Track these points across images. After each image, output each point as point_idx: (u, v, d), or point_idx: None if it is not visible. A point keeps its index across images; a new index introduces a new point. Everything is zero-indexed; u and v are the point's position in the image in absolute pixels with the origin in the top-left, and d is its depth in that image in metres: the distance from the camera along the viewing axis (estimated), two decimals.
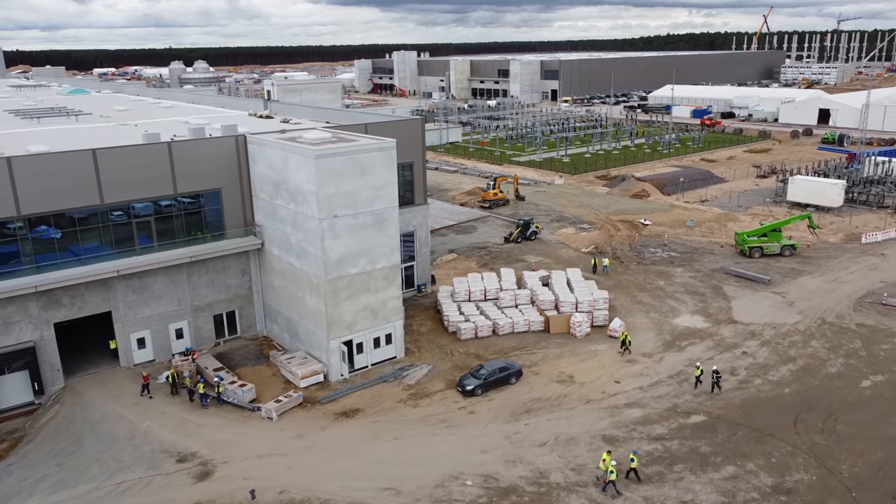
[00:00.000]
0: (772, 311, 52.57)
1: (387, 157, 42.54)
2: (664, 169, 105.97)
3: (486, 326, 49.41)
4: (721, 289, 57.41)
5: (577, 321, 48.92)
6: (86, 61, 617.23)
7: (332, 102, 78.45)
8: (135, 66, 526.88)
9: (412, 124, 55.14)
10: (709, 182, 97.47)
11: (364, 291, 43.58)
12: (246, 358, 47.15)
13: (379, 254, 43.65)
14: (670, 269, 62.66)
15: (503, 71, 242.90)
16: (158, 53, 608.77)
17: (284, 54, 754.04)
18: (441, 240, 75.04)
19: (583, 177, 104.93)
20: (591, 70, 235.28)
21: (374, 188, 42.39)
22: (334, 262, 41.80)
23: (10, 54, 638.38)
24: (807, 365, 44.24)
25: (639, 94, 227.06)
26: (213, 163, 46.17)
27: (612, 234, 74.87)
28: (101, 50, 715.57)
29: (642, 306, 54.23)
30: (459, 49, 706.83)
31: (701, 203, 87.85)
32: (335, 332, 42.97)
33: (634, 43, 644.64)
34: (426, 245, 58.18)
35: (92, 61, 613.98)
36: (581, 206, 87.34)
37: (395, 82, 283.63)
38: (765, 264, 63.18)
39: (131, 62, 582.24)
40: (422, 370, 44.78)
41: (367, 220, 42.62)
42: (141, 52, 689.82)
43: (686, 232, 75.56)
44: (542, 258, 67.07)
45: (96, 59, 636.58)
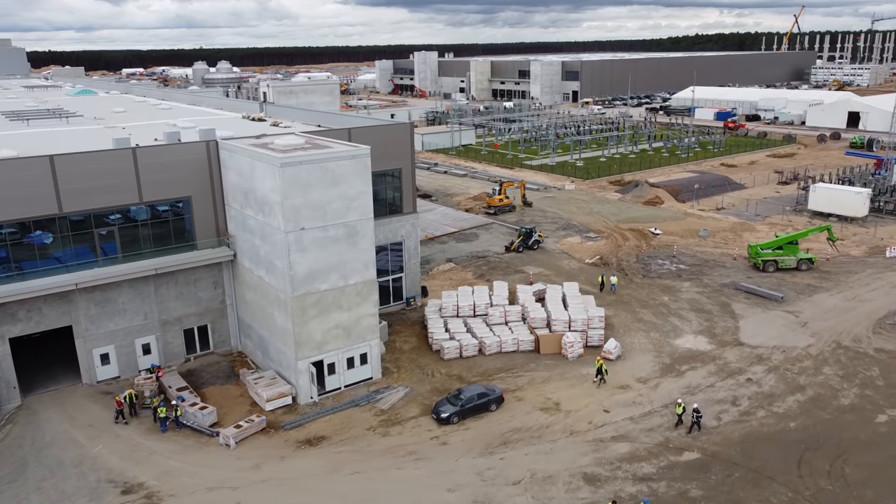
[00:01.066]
0: (782, 333, 48.71)
1: (360, 165, 39.69)
2: (680, 174, 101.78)
3: (472, 346, 46.30)
4: (729, 306, 53.62)
5: (569, 341, 45.60)
6: (115, 62, 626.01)
7: (329, 105, 75.99)
8: (163, 66, 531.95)
9: (400, 129, 52.26)
10: (726, 188, 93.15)
11: (336, 309, 40.77)
12: (215, 376, 44.62)
13: (352, 269, 40.81)
14: (677, 284, 58.94)
15: (524, 72, 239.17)
16: (187, 54, 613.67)
17: (311, 55, 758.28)
18: (440, 248, 72.09)
19: (595, 182, 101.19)
20: (613, 71, 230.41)
21: (346, 199, 39.56)
22: (302, 278, 39.06)
23: (43, 55, 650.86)
24: (817, 395, 40.44)
25: (662, 96, 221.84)
26: (182, 170, 43.71)
27: (620, 244, 71.26)
28: (131, 50, 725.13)
29: (643, 325, 50.69)
30: (485, 49, 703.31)
31: (716, 211, 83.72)
32: (303, 351, 40.22)
33: (662, 43, 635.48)
34: (415, 256, 55.25)
35: (121, 62, 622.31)
36: (590, 213, 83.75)
37: (415, 83, 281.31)
38: (779, 279, 59.16)
39: (161, 62, 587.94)
40: (398, 393, 41.84)
41: (339, 233, 39.81)
42: (170, 53, 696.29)
43: (698, 242, 71.65)
44: (542, 269, 63.74)
45: (125, 59, 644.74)
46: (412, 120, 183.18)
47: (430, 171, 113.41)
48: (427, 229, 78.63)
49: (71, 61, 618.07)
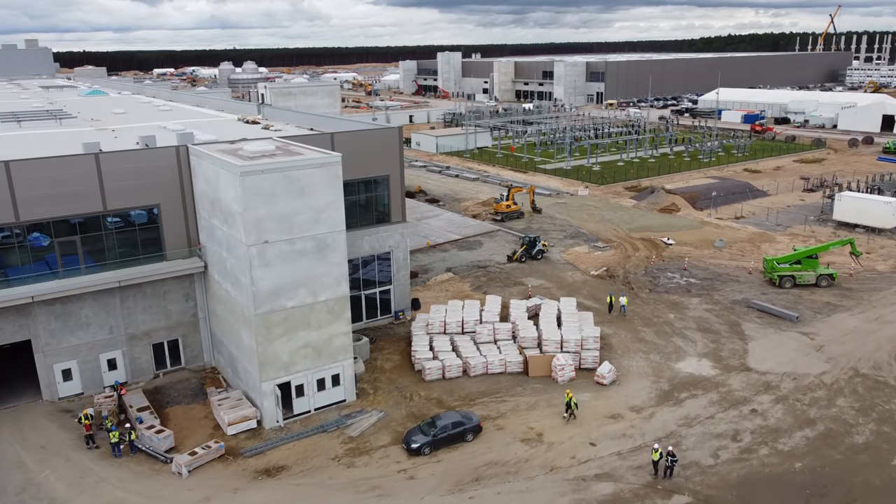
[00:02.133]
0: (795, 357, 44.87)
1: (330, 173, 36.95)
2: (700, 180, 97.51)
3: (455, 366, 43.29)
4: (739, 326, 49.83)
5: (559, 364, 42.35)
6: (148, 62, 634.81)
7: (330, 107, 73.53)
8: (194, 66, 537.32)
9: (387, 134, 49.47)
10: (747, 196, 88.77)
11: (304, 327, 38.09)
12: (183, 394, 42.24)
13: (322, 284, 38.10)
14: (685, 300, 55.25)
15: (548, 73, 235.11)
16: (219, 55, 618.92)
17: (339, 55, 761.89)
18: (441, 256, 69.20)
19: (610, 188, 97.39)
20: (639, 72, 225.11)
21: (314, 210, 36.87)
22: (266, 295, 36.44)
23: (78, 55, 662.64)
24: (828, 431, 36.68)
25: (689, 98, 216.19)
26: (150, 176, 41.42)
27: (629, 255, 67.64)
28: (166, 51, 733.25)
29: (643, 345, 47.20)
30: (514, 50, 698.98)
31: (735, 220, 79.51)
32: (269, 373, 37.61)
33: (694, 44, 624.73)
34: (405, 267, 52.42)
35: (153, 62, 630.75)
36: (601, 220, 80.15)
37: (438, 84, 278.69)
38: (796, 296, 55.14)
39: (194, 63, 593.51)
40: (370, 418, 39.03)
41: (307, 247, 37.12)
42: (202, 53, 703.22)
43: (713, 254, 67.72)
44: (543, 281, 60.47)
45: (158, 59, 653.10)
46: (432, 121, 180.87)
47: (441, 175, 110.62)
48: (430, 236, 75.86)
49: (104, 62, 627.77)
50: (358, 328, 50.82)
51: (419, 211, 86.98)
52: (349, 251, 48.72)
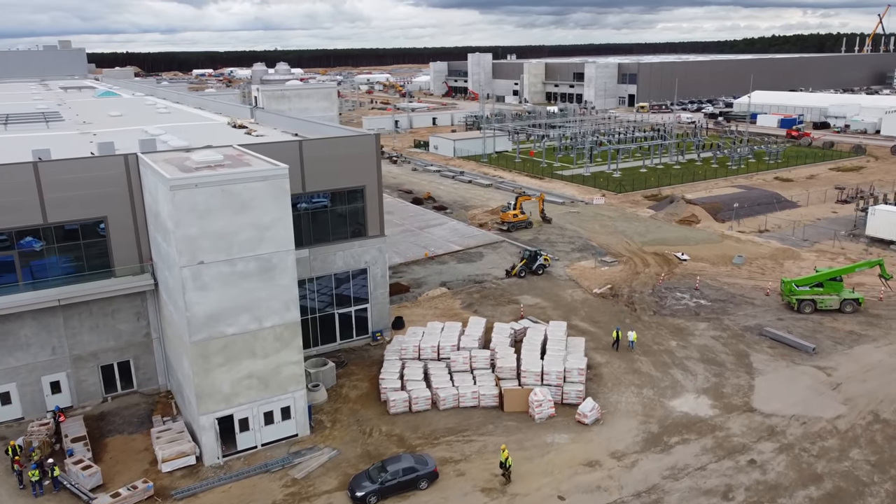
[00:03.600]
0: (807, 397, 39.87)
1: (275, 187, 33.43)
2: (725, 189, 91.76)
3: (424, 399, 39.37)
4: (747, 357, 44.89)
5: (537, 400, 38.11)
6: (188, 63, 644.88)
7: (326, 110, 70.37)
8: (233, 67, 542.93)
9: (363, 142, 45.81)
10: (774, 207, 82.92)
11: (247, 356, 34.63)
12: (128, 422, 39.16)
13: (268, 309, 34.59)
14: (691, 324, 50.43)
15: (578, 74, 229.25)
16: (259, 56, 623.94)
17: (376, 56, 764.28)
18: (438, 269, 65.37)
19: (628, 196, 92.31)
20: (673, 74, 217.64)
21: (258, 227, 33.39)
22: (202, 320, 33.07)
23: (122, 56, 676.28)
24: (836, 491, 31.83)
25: (725, 101, 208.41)
26: (97, 187, 38.44)
27: (638, 272, 62.86)
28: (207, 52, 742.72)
29: (637, 378, 42.65)
30: (552, 51, 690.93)
31: (758, 233, 73.95)
32: (207, 405, 34.24)
33: (736, 45, 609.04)
34: (383, 284, 48.68)
35: (194, 63, 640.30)
36: (614, 232, 75.36)
37: (468, 85, 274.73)
38: (816, 323, 49.89)
39: (235, 64, 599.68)
40: (320, 457, 35.37)
41: (250, 268, 33.65)
42: (241, 54, 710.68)
43: (730, 271, 62.53)
44: (539, 300, 56.18)
45: (198, 60, 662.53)
46: (454, 125, 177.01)
47: (453, 181, 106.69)
48: (430, 246, 72.12)
49: (147, 63, 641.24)
50: (331, 350, 47.46)
51: (423, 219, 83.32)
52: (320, 267, 45.62)
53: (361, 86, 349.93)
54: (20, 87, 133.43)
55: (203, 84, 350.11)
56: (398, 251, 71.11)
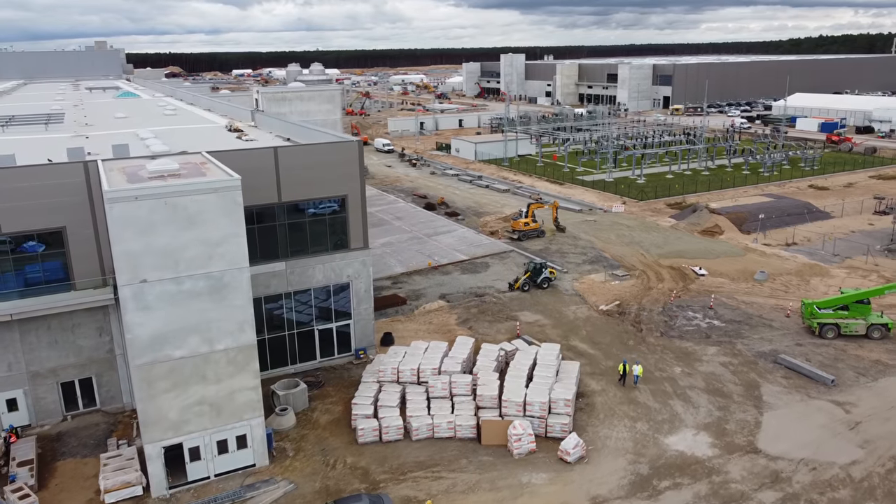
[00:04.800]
0: (820, 437, 35.86)
1: (226, 200, 30.87)
2: (754, 197, 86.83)
3: (395, 428, 36.46)
4: (757, 388, 40.93)
5: (516, 434, 34.87)
6: (228, 63, 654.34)
7: (329, 113, 68.01)
8: (270, 68, 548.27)
9: (344, 149, 43.09)
10: (805, 218, 77.90)
11: (198, 381, 32.15)
12: (84, 444, 37.06)
13: (220, 331, 32.06)
14: (700, 348, 46.56)
15: (612, 75, 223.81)
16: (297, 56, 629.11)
17: (414, 56, 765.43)
18: (440, 280, 62.42)
19: (650, 204, 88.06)
20: (710, 75, 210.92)
21: (207, 243, 30.87)
22: (146, 343, 30.69)
23: (165, 56, 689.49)
24: None
25: (764, 103, 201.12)
26: (54, 196, 36.42)
27: (650, 287, 59.03)
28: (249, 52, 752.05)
29: (633, 409, 39.08)
30: (591, 52, 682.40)
31: (785, 247, 69.26)
32: (153, 433, 31.85)
33: (781, 45, 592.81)
34: (367, 300, 45.90)
35: (234, 63, 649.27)
36: (630, 243, 71.44)
37: (501, 86, 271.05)
38: (838, 351, 45.58)
39: (275, 64, 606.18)
40: (275, 491, 32.72)
41: (199, 287, 31.17)
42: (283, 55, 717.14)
43: (751, 288, 58.28)
44: (539, 317, 52.84)
45: (238, 61, 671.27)
46: (480, 127, 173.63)
47: (471, 185, 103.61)
48: (436, 255, 69.23)
49: (188, 63, 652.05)
50: (311, 368, 44.93)
51: (433, 226, 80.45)
52: (298, 281, 43.13)
53: (395, 86, 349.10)
54: (50, 88, 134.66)
55: (241, 84, 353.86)
56: (401, 260, 68.42)
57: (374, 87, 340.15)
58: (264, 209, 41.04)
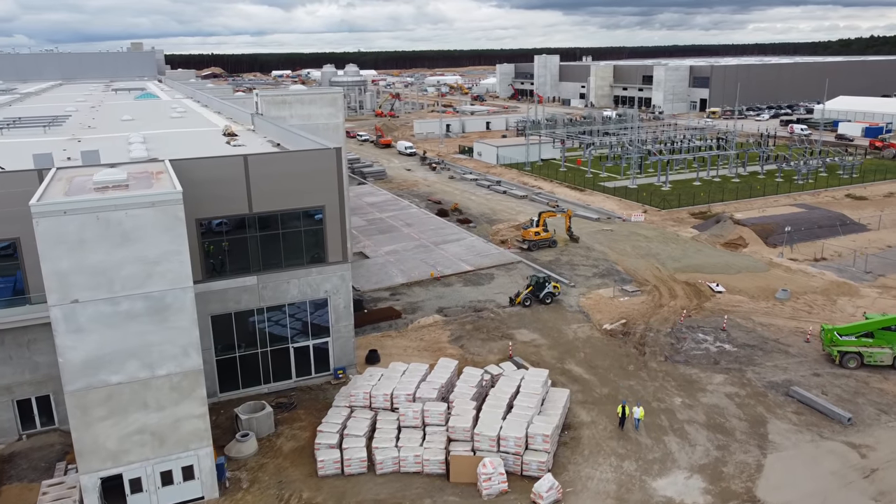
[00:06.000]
0: (829, 487, 31.99)
1: (166, 215, 28.53)
2: (784, 207, 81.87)
3: (359, 460, 33.74)
4: (764, 425, 37.10)
5: (486, 473, 31.81)
6: (269, 64, 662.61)
7: (331, 117, 65.55)
8: (309, 69, 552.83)
9: (322, 157, 40.51)
10: (837, 230, 72.91)
11: (138, 408, 29.90)
12: (34, 467, 35.20)
13: (162, 355, 29.76)
14: (706, 376, 42.81)
15: (648, 77, 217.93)
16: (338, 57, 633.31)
17: (452, 57, 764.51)
18: (440, 291, 59.64)
19: (672, 213, 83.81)
20: (749, 77, 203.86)
21: (145, 261, 28.59)
22: (79, 367, 28.53)
23: (207, 58, 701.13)
24: None
25: (807, 106, 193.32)
26: (6, 205, 34.62)
27: (661, 304, 55.29)
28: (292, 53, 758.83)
29: (622, 444, 35.67)
30: (632, 53, 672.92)
31: (813, 262, 64.63)
32: (90, 462, 29.70)
33: (830, 46, 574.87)
34: (346, 316, 43.29)
35: (275, 64, 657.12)
36: (646, 255, 67.59)
37: (534, 88, 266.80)
38: (860, 383, 41.38)
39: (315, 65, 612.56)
40: None
41: (137, 308, 28.90)
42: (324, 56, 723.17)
43: (770, 308, 54.13)
44: (536, 336, 49.61)
45: (279, 62, 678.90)
46: (507, 130, 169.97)
47: (488, 190, 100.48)
48: (440, 265, 66.46)
49: (229, 64, 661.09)
50: (286, 388, 42.52)
51: (442, 234, 77.65)
52: (271, 297, 40.78)
53: (429, 88, 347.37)
54: (81, 89, 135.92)
55: (278, 85, 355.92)
56: (404, 269, 65.80)
57: (408, 89, 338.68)
58: (234, 220, 38.84)
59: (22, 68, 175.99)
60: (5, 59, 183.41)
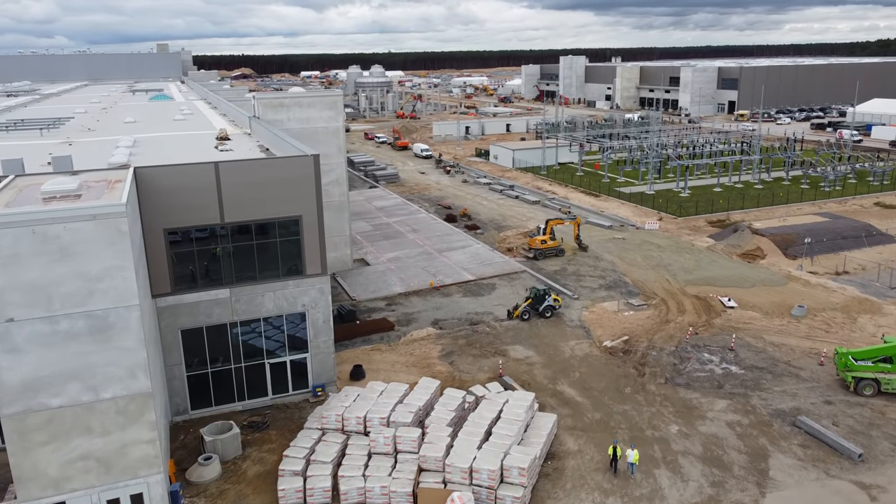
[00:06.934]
0: None
1: (108, 228, 26.70)
2: (806, 217, 77.95)
3: (322, 490, 31.61)
4: (766, 459, 34.13)
5: None
6: (298, 65, 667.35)
7: (331, 120, 63.70)
8: (337, 69, 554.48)
9: (298, 164, 38.50)
10: (862, 242, 68.96)
11: (81, 433, 28.13)
12: None
13: (106, 377, 27.96)
14: (707, 401, 39.88)
15: (675, 79, 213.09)
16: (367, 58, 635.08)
17: (481, 58, 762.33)
18: (438, 302, 57.37)
19: (689, 221, 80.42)
20: (780, 79, 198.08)
21: (85, 278, 26.81)
22: (16, 390, 26.84)
23: (238, 59, 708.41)
24: None
25: (840, 109, 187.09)
26: None
27: (668, 319, 52.35)
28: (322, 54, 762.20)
29: (607, 478, 32.99)
30: (663, 54, 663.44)
31: (835, 276, 60.99)
32: (29, 490, 28.00)
33: (869, 47, 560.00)
34: (326, 331, 41.21)
35: (304, 65, 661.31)
36: (657, 266, 64.53)
37: (559, 89, 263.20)
38: (876, 413, 38.12)
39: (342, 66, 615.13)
40: None
41: (78, 327, 27.14)
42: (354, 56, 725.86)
43: (785, 325, 50.87)
44: (531, 353, 47.06)
45: (308, 63, 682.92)
46: (528, 132, 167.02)
47: (500, 195, 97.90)
48: (441, 274, 64.21)
49: (259, 65, 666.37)
50: (262, 406, 40.57)
51: (448, 240, 75.36)
52: (245, 310, 38.89)
53: (454, 89, 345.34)
54: (102, 90, 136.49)
55: (305, 85, 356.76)
56: (404, 278, 63.64)
57: (433, 90, 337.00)
58: (205, 230, 37.05)
59: (52, 69, 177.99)
60: (37, 60, 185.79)
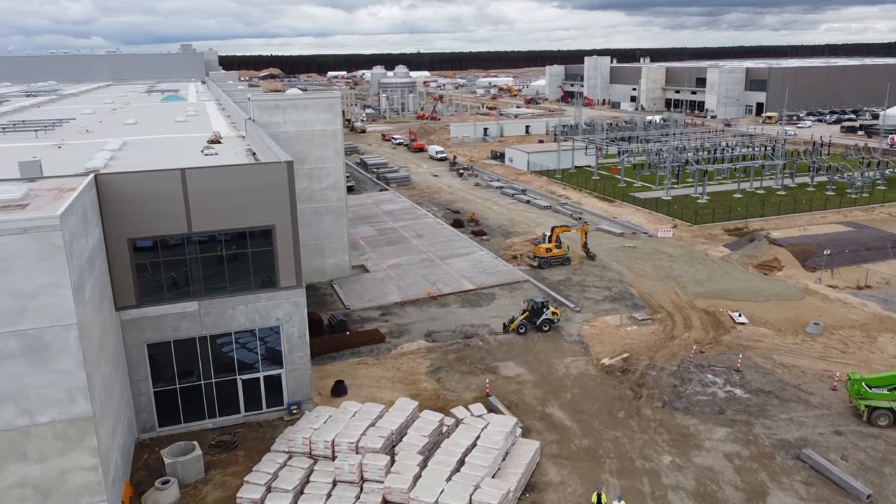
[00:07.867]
0: None
1: (40, 244, 24.92)
2: (828, 226, 74.19)
3: None
4: (764, 498, 31.27)
5: None
6: (326, 65, 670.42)
7: (328, 122, 61.81)
8: (363, 70, 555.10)
9: (271, 171, 36.55)
10: (888, 253, 65.17)
11: (16, 459, 26.41)
12: None
13: (42, 400, 26.21)
14: (706, 429, 37.06)
15: (701, 80, 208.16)
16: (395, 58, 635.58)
17: (509, 59, 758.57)
18: (434, 313, 55.16)
19: (704, 228, 77.11)
20: (811, 80, 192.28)
21: (17, 295, 25.07)
22: None
23: (266, 59, 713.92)
24: None
25: (874, 112, 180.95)
26: None
27: (673, 336, 49.49)
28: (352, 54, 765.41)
29: None
30: (694, 54, 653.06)
31: (855, 291, 57.47)
32: None
33: None
34: (301, 346, 39.19)
35: (331, 65, 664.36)
36: (666, 277, 61.56)
37: (584, 90, 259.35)
38: (890, 446, 34.99)
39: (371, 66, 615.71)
40: None
41: (10, 347, 25.40)
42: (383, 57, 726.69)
43: (798, 344, 47.71)
44: (522, 370, 44.58)
45: (336, 63, 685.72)
46: (546, 134, 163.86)
47: (511, 200, 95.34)
48: (441, 282, 61.99)
49: (287, 65, 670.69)
50: (234, 423, 38.71)
51: (451, 247, 73.09)
52: (215, 324, 37.02)
53: (479, 89, 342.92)
54: (122, 90, 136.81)
55: (331, 85, 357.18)
56: (401, 286, 61.51)
57: (458, 91, 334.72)
58: (171, 240, 35.28)
59: (79, 70, 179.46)
60: (65, 60, 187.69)
